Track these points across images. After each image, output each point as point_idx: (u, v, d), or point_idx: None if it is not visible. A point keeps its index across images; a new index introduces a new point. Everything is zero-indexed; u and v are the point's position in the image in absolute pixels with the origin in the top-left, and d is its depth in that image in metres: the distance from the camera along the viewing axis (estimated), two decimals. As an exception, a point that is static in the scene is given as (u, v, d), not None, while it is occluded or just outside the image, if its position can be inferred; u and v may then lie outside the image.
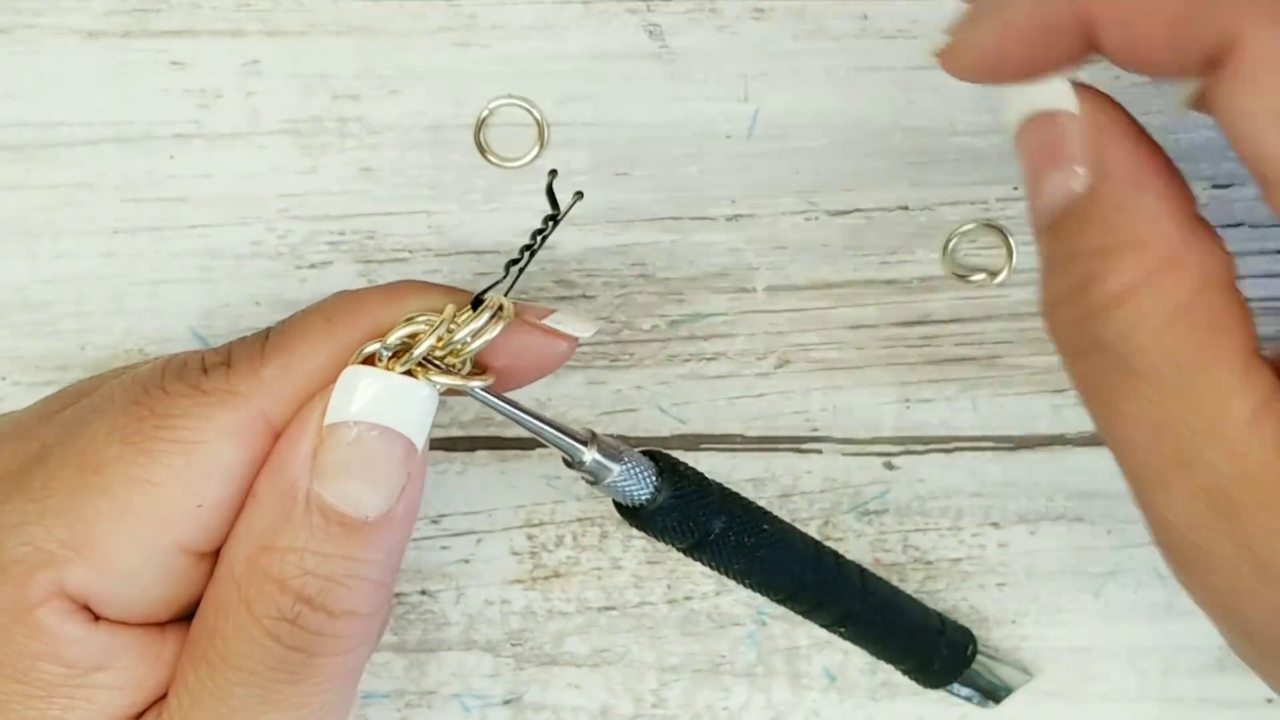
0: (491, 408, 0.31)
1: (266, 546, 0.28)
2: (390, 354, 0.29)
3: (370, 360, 0.29)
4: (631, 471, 0.33)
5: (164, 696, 0.30)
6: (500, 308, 0.30)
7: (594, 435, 0.32)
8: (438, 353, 0.30)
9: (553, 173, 0.33)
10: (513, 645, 0.39)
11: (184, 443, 0.28)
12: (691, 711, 0.39)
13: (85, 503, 0.28)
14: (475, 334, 0.30)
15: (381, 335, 0.29)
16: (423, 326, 0.30)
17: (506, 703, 0.39)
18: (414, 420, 0.29)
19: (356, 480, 0.28)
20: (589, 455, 0.32)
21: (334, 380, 0.29)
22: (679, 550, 0.34)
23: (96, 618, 0.29)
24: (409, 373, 0.29)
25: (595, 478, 0.32)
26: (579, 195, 0.32)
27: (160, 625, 0.30)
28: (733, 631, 0.39)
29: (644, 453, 0.33)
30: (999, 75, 0.27)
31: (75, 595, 0.28)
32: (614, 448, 0.33)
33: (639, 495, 0.33)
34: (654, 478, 0.33)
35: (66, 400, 0.32)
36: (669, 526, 0.33)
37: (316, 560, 0.28)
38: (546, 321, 0.31)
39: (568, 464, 0.32)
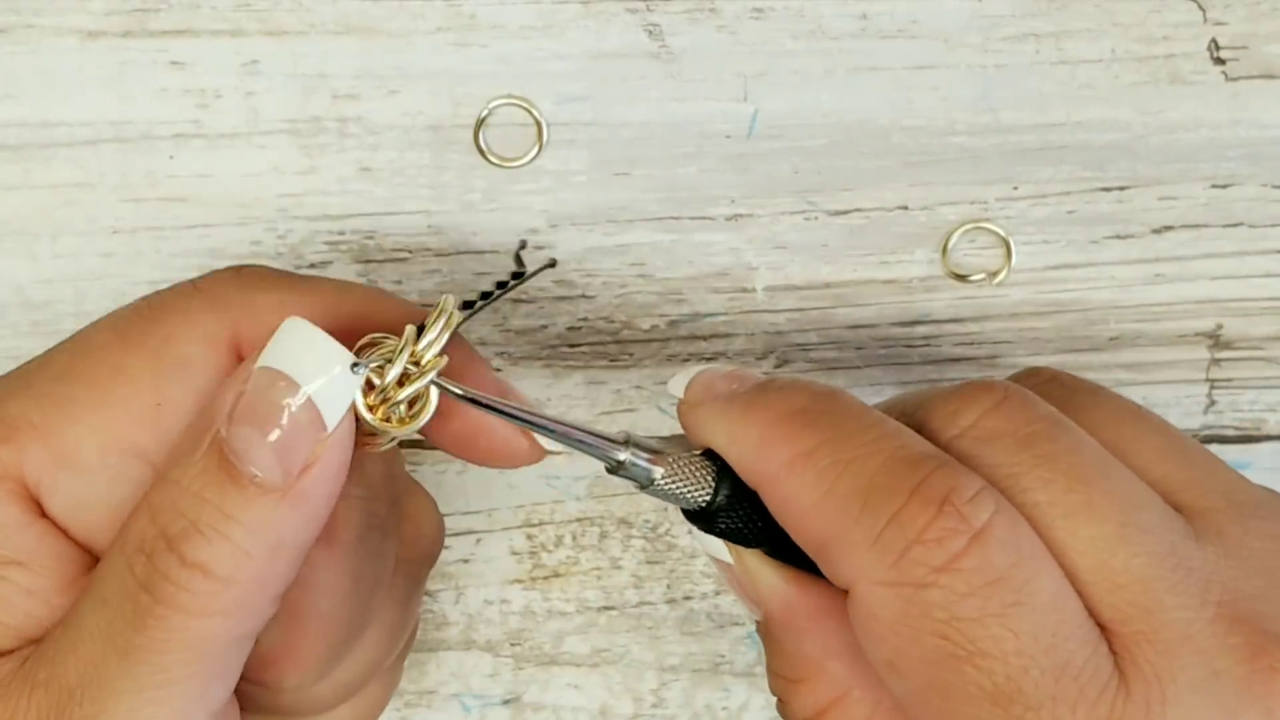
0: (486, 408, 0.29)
1: (163, 475, 0.28)
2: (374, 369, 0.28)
3: (363, 350, 0.28)
4: (682, 468, 0.30)
5: None
6: (449, 314, 0.28)
7: (629, 437, 0.30)
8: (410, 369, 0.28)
9: (552, 262, 0.35)
10: (512, 645, 0.39)
11: (161, 336, 0.28)
12: (691, 711, 0.39)
13: (65, 388, 0.28)
14: (434, 335, 0.28)
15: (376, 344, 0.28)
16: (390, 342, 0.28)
17: (506, 703, 0.39)
18: (327, 390, 0.27)
19: (255, 430, 0.27)
20: (626, 455, 0.29)
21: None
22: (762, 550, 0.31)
23: (41, 514, 0.28)
24: (395, 389, 0.28)
25: (640, 483, 0.30)
26: (552, 263, 0.33)
27: (95, 557, 0.29)
28: (733, 631, 0.39)
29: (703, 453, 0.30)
30: None
31: (29, 478, 0.28)
32: (654, 448, 0.30)
33: (698, 497, 0.30)
34: (710, 476, 0.30)
35: None
36: (736, 527, 0.30)
37: (189, 501, 0.27)
38: (511, 404, 0.29)
39: (610, 470, 0.30)
